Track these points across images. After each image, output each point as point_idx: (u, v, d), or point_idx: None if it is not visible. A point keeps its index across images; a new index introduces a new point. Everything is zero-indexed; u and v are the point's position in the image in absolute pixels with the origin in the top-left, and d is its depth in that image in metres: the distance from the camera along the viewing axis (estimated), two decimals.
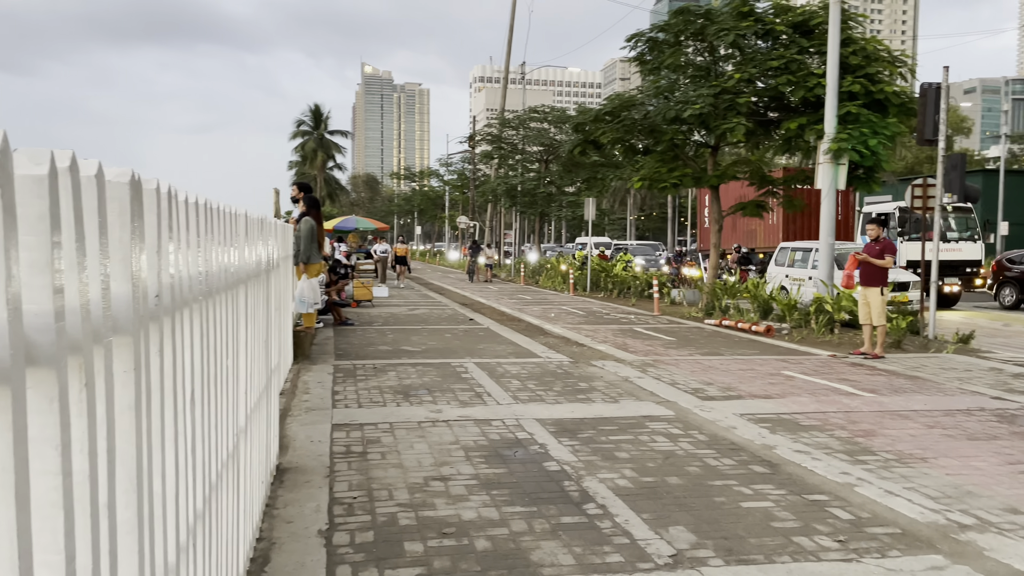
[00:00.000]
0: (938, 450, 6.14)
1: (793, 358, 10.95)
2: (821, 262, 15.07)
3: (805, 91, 14.96)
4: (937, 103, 12.67)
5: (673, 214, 71.01)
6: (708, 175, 17.74)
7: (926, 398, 8.22)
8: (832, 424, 6.95)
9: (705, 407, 7.57)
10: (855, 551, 4.06)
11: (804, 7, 16.14)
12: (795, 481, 5.27)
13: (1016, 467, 5.69)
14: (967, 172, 44.30)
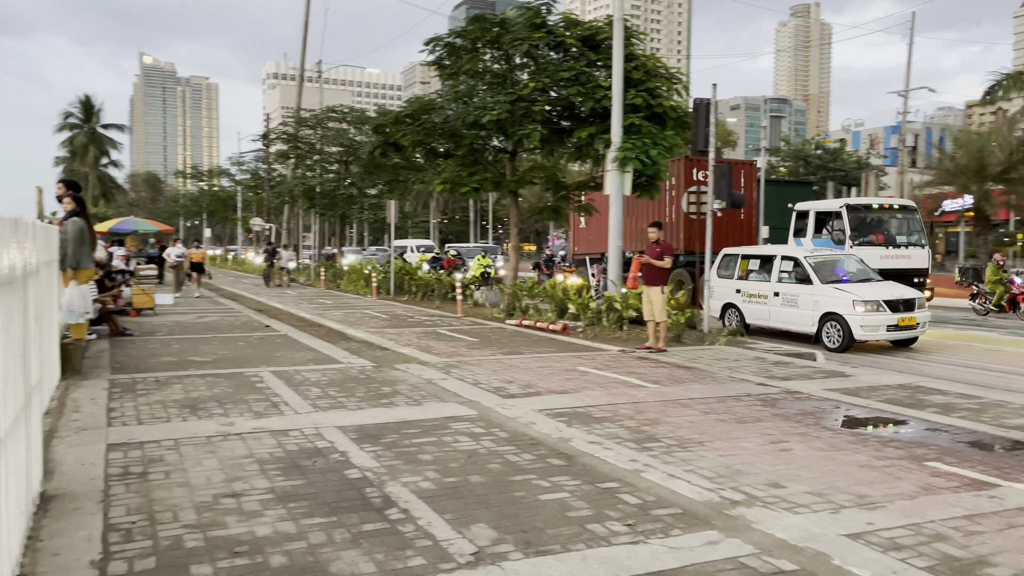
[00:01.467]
0: (713, 434, 6.71)
1: (587, 354, 11.52)
2: (611, 264, 15.98)
3: (594, 102, 15.79)
4: (707, 117, 13.88)
5: (475, 217, 72.15)
6: (507, 180, 18.22)
7: (702, 387, 8.97)
8: (622, 415, 7.38)
9: (506, 405, 7.75)
10: (642, 533, 4.33)
11: (591, 23, 17.05)
12: (589, 471, 5.53)
13: (777, 445, 6.35)
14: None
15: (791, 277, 14.09)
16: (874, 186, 54.76)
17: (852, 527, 4.45)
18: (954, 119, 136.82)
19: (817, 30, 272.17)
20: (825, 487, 5.22)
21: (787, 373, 10.01)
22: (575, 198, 19.40)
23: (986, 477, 5.49)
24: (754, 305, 14.66)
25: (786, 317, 14.08)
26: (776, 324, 14.35)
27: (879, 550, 4.12)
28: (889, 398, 8.44)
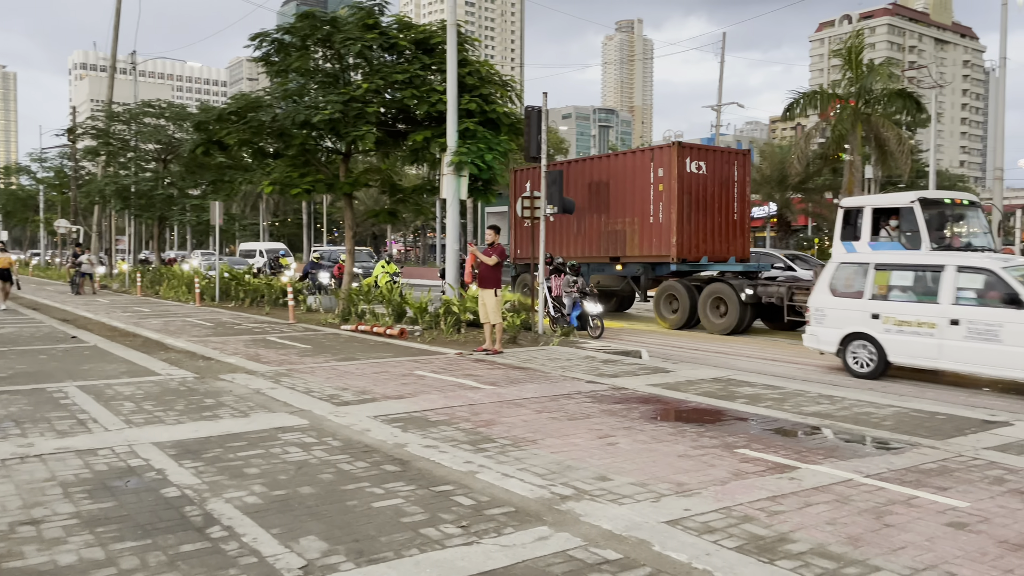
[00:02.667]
0: (546, 432, 6.89)
1: (424, 358, 11.48)
2: (448, 266, 16.04)
3: (428, 106, 15.80)
4: (539, 124, 14.27)
5: (310, 220, 70.08)
6: (341, 182, 17.83)
7: (537, 386, 9.19)
8: (458, 417, 7.41)
9: (340, 413, 7.57)
10: (476, 533, 4.37)
11: (425, 26, 17.05)
12: (424, 475, 5.51)
13: (605, 440, 6.62)
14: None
15: (979, 297, 9.90)
16: None
17: (671, 514, 4.72)
18: (760, 133, 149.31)
19: (640, 45, 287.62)
20: (648, 477, 5.50)
21: (615, 371, 10.47)
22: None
23: (787, 461, 6.01)
24: (910, 337, 10.34)
25: (978, 356, 9.75)
26: (955, 365, 10.12)
27: (694, 534, 4.40)
28: (705, 391, 9.04)
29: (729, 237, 18.43)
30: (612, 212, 18.72)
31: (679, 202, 17.37)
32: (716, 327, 16.47)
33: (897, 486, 5.36)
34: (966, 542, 4.32)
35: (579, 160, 21.29)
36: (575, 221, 19.20)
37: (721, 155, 18.85)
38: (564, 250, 19.37)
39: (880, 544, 4.28)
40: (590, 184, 19.36)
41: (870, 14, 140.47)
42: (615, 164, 19.34)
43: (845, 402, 8.43)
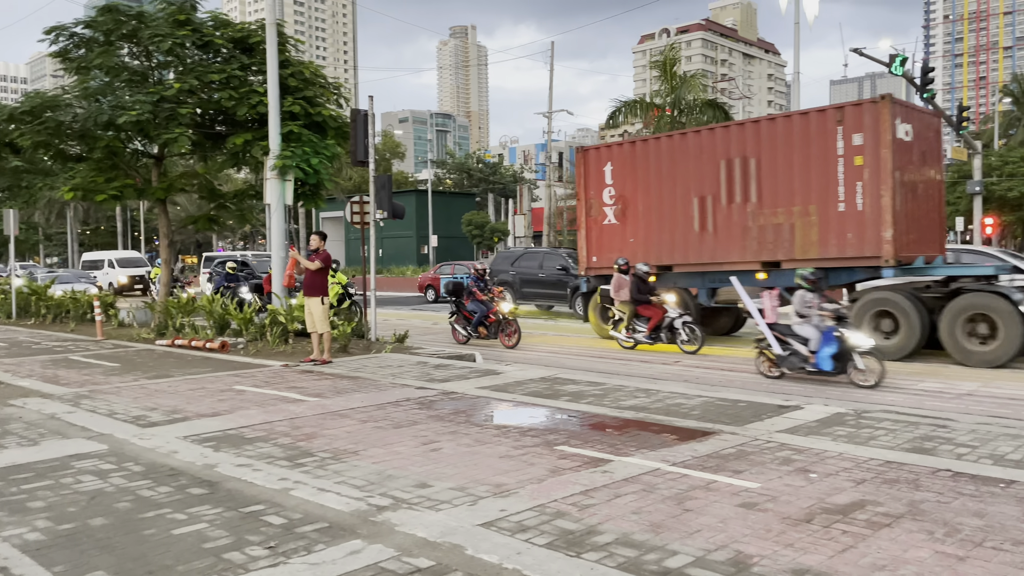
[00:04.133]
0: (369, 442, 6.76)
1: (246, 372, 10.97)
2: (275, 274, 15.43)
3: (248, 108, 15.13)
4: (366, 128, 14.06)
5: (125, 228, 65.31)
6: (154, 187, 16.71)
7: (364, 395, 9.02)
8: (277, 432, 7.13)
9: (145, 435, 7.06)
10: (284, 553, 4.20)
11: (243, 25, 16.33)
12: (234, 496, 5.24)
13: (429, 446, 6.60)
14: (403, 192, 49.84)
15: None
16: (528, 198, 59.82)
17: (487, 516, 4.76)
18: (591, 139, 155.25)
19: (475, 51, 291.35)
20: (468, 481, 5.53)
21: (446, 375, 10.48)
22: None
23: (602, 455, 6.25)
24: None
25: None
26: None
27: (508, 534, 4.46)
28: (532, 391, 9.24)
29: (933, 229, 13.81)
30: (765, 199, 13.58)
31: (892, 180, 12.46)
32: (978, 357, 11.63)
33: (699, 472, 5.71)
34: (755, 521, 4.66)
35: (695, 131, 15.38)
36: (689, 215, 14.50)
37: (922, 118, 14.01)
38: (671, 254, 14.88)
39: (679, 529, 4.53)
40: (723, 162, 14.06)
41: (686, 28, 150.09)
42: (770, 132, 13.74)
43: (660, 395, 8.90)
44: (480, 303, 14.90)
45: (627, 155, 15.66)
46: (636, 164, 15.47)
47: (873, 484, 5.38)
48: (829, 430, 7.01)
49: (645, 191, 15.31)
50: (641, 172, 15.40)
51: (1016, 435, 6.75)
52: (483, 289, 15.14)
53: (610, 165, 15.58)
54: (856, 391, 9.61)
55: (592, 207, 16.23)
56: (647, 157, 15.36)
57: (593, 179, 16.14)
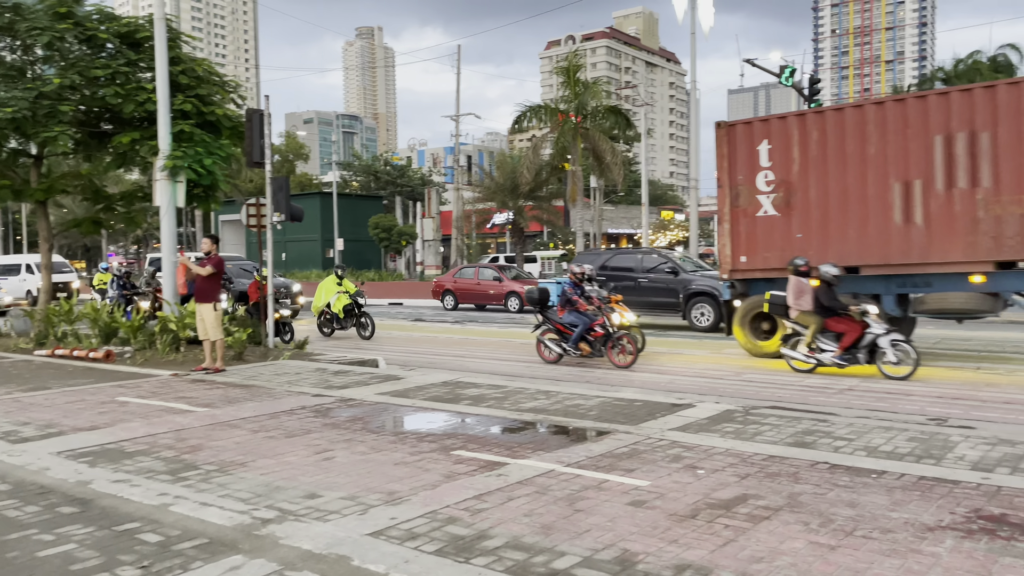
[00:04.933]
0: (259, 452, 6.54)
1: (132, 382, 10.46)
2: (165, 279, 14.78)
3: (136, 105, 14.43)
4: (262, 127, 13.65)
5: (9, 231, 61.63)
6: (32, 188, 15.73)
7: (257, 404, 8.73)
8: (160, 445, 6.80)
9: (15, 451, 6.61)
10: (157, 573, 3.99)
11: (130, 19, 15.59)
12: (108, 514, 4.96)
13: (322, 455, 6.44)
14: (308, 194, 48.73)
15: None
16: (436, 201, 59.68)
17: (377, 525, 4.67)
18: (500, 143, 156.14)
19: (381, 53, 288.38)
20: (360, 490, 5.41)
21: (345, 381, 10.28)
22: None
23: (499, 458, 6.24)
24: None
25: None
26: None
27: (397, 542, 4.38)
28: (433, 395, 9.17)
29: None
30: (1004, 184, 11.08)
31: None
32: None
33: (592, 472, 5.78)
34: (642, 518, 4.75)
35: (895, 100, 12.31)
36: (887, 204, 11.91)
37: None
38: (859, 253, 12.15)
39: (569, 529, 4.56)
40: (939, 138, 11.48)
41: (591, 36, 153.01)
42: (1012, 99, 11.04)
43: (559, 396, 8.98)
44: (582, 314, 12.45)
45: (793, 131, 12.72)
46: (807, 142, 12.55)
47: (756, 478, 5.57)
48: (718, 427, 7.23)
49: (820, 175, 12.39)
50: (815, 151, 12.46)
51: (889, 428, 7.13)
52: (584, 296, 12.74)
53: (767, 143, 12.82)
54: (746, 388, 9.96)
55: (740, 195, 13.19)
56: (823, 133, 12.42)
57: (742, 160, 13.14)
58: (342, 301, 16.82)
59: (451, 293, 26.06)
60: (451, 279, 26.68)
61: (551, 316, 12.94)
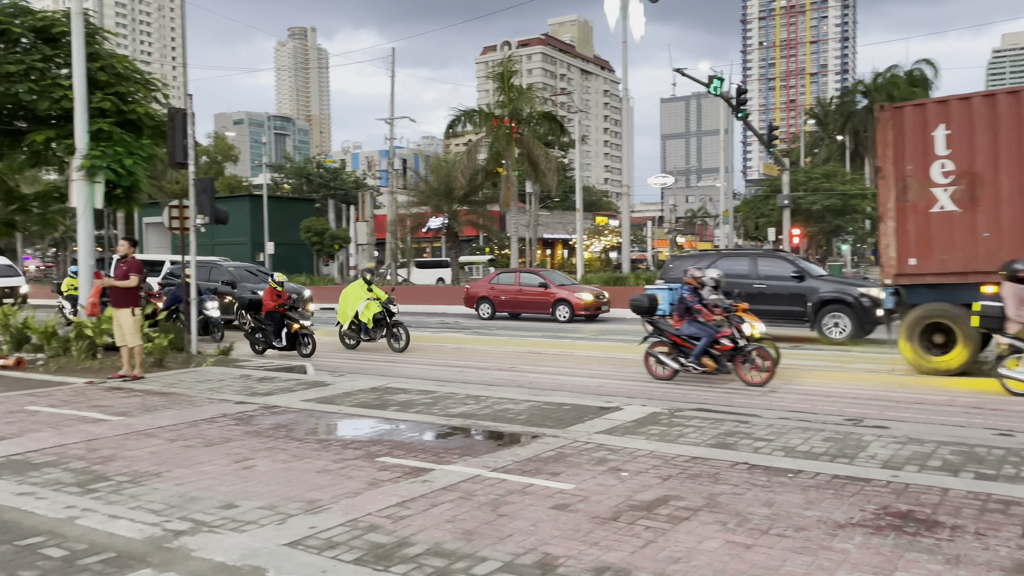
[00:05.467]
0: (175, 462, 6.33)
1: (44, 390, 10.00)
2: (82, 283, 14.20)
3: (52, 103, 13.86)
4: (184, 128, 13.25)
5: None
6: None
7: (176, 412, 8.46)
8: (70, 456, 6.52)
9: None
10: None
11: (44, 13, 14.97)
12: (10, 528, 4.72)
13: (242, 464, 6.26)
14: (237, 196, 47.51)
15: None
16: (370, 205, 59.14)
17: (295, 534, 4.56)
18: (437, 147, 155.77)
19: (315, 54, 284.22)
20: (279, 499, 5.28)
21: (270, 388, 10.04)
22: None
23: (424, 464, 6.18)
24: None
25: None
26: None
27: (315, 552, 4.29)
28: (360, 402, 9.04)
29: None
30: None
31: None
32: None
33: (518, 476, 5.77)
34: (565, 522, 4.76)
35: None
36: None
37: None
38: None
39: (491, 535, 4.54)
40: None
41: (527, 42, 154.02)
42: None
43: (489, 401, 8.96)
44: (705, 325, 10.93)
45: (980, 114, 11.04)
46: (999, 126, 10.89)
47: (678, 480, 5.65)
48: (644, 429, 7.32)
49: (1015, 164, 10.80)
50: (1008, 137, 10.86)
51: (806, 428, 7.34)
52: (705, 304, 11.12)
53: (944, 128, 11.20)
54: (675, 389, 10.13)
55: (908, 188, 11.58)
56: (1019, 116, 10.78)
57: (911, 148, 11.54)
58: (372, 309, 15.08)
59: (488, 301, 23.58)
60: (487, 285, 24.24)
61: (664, 327, 11.30)
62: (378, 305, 15.05)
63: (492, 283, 24.11)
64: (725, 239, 42.71)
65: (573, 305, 21.72)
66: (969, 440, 6.74)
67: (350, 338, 15.61)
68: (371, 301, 15.13)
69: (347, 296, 15.55)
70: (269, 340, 14.58)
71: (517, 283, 23.17)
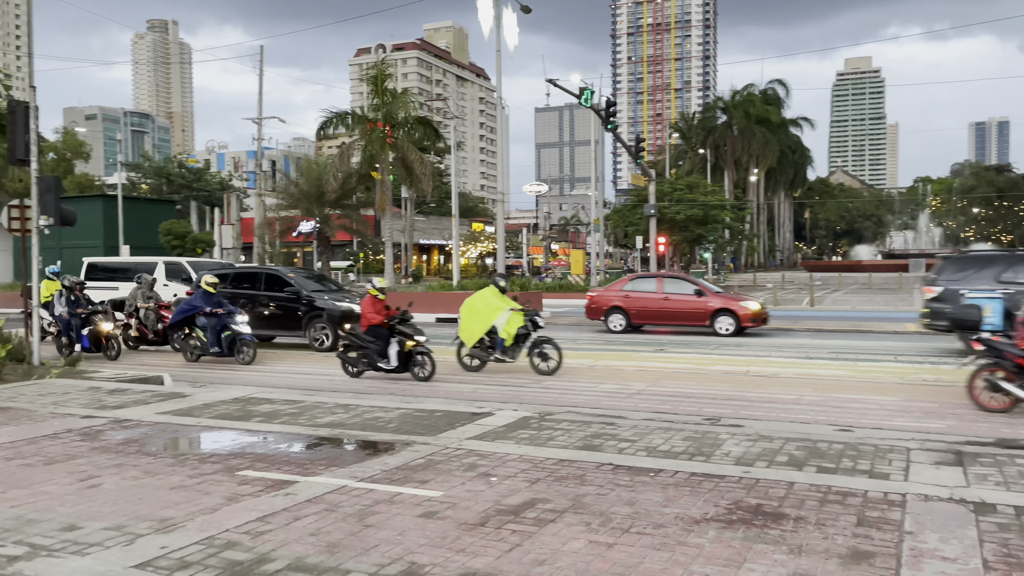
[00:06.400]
0: (11, 483, 5.82)
1: None
2: None
3: None
4: (26, 122, 12.27)
5: None
6: None
7: (13, 429, 7.79)
8: None
9: None
10: None
11: None
12: None
13: (87, 483, 5.84)
14: (88, 196, 44.48)
15: None
16: (236, 207, 56.88)
17: (144, 555, 4.30)
18: (309, 149, 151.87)
19: (176, 48, 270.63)
20: (128, 518, 4.96)
21: (121, 401, 9.44)
22: None
23: (288, 476, 5.98)
24: None
25: None
26: None
27: (165, 573, 4.05)
28: (221, 413, 8.64)
29: None
30: None
31: None
32: None
33: (386, 485, 5.69)
34: (432, 529, 4.73)
35: None
36: None
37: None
38: None
39: (356, 546, 4.45)
40: None
41: (402, 46, 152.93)
42: None
43: (359, 409, 8.79)
44: None
45: None
46: None
47: (546, 483, 5.74)
48: (514, 434, 7.39)
49: None
50: None
51: (668, 428, 7.65)
52: None
53: None
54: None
55: None
56: None
57: None
58: (516, 322, 12.15)
59: (620, 311, 19.47)
60: (620, 292, 19.96)
61: (1004, 347, 8.77)
62: (522, 317, 12.27)
63: (626, 290, 19.96)
64: (596, 247, 43.92)
65: (739, 316, 18.13)
66: (813, 436, 7.22)
67: (476, 357, 12.53)
68: (514, 312, 12.23)
69: (475, 307, 12.45)
70: (373, 361, 11.78)
71: (660, 290, 19.39)
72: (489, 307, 12.32)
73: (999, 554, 4.30)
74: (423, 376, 11.63)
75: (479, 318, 12.32)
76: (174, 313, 14.50)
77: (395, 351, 11.67)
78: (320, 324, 15.55)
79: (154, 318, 15.48)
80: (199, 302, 13.99)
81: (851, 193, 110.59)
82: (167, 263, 22.85)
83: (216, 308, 13.80)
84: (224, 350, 13.70)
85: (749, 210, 65.29)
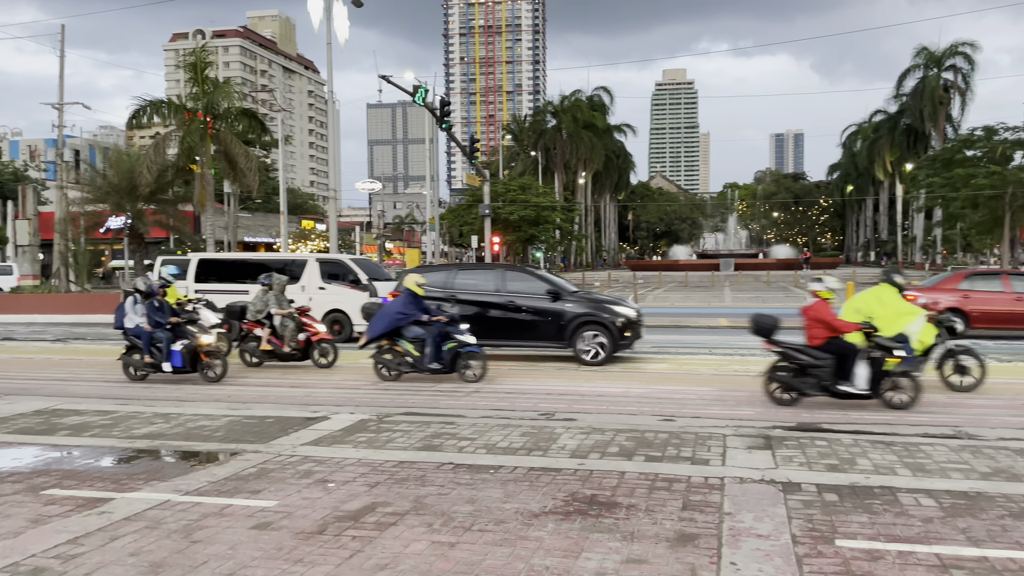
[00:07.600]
0: None
1: None
2: None
3: None
4: None
5: None
6: None
7: None
8: None
9: None
10: None
11: None
12: None
13: None
14: None
15: None
16: (33, 200, 51.87)
17: None
18: (117, 138, 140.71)
19: None
20: None
21: None
22: None
23: (102, 493, 5.50)
24: None
25: None
26: None
27: None
28: (20, 427, 7.83)
29: None
30: None
31: None
32: None
33: (214, 498, 5.37)
34: (267, 541, 4.52)
35: None
36: None
37: None
38: None
39: (183, 564, 4.17)
40: None
41: (223, 33, 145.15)
42: None
43: (181, 418, 8.25)
44: None
45: None
46: None
47: (386, 486, 5.66)
48: (352, 437, 7.23)
49: None
50: None
51: (506, 425, 7.78)
52: None
53: None
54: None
55: None
56: None
57: None
58: (931, 331, 9.50)
59: (959, 312, 15.88)
60: (955, 293, 16.69)
61: None
62: (936, 326, 9.69)
63: (962, 288, 16.87)
64: (432, 246, 43.90)
65: None
66: (640, 427, 7.61)
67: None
68: (930, 322, 9.58)
69: (870, 308, 9.35)
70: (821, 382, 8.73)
71: (1009, 288, 16.39)
72: (897, 312, 9.36)
73: (804, 528, 4.73)
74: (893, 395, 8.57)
75: (887, 324, 9.12)
76: (373, 322, 11.61)
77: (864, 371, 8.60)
78: (592, 333, 12.95)
79: (293, 327, 12.57)
80: (406, 308, 11.22)
81: (669, 197, 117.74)
82: (322, 262, 17.32)
83: (434, 316, 11.10)
84: (446, 366, 11.16)
85: (578, 211, 67.87)
